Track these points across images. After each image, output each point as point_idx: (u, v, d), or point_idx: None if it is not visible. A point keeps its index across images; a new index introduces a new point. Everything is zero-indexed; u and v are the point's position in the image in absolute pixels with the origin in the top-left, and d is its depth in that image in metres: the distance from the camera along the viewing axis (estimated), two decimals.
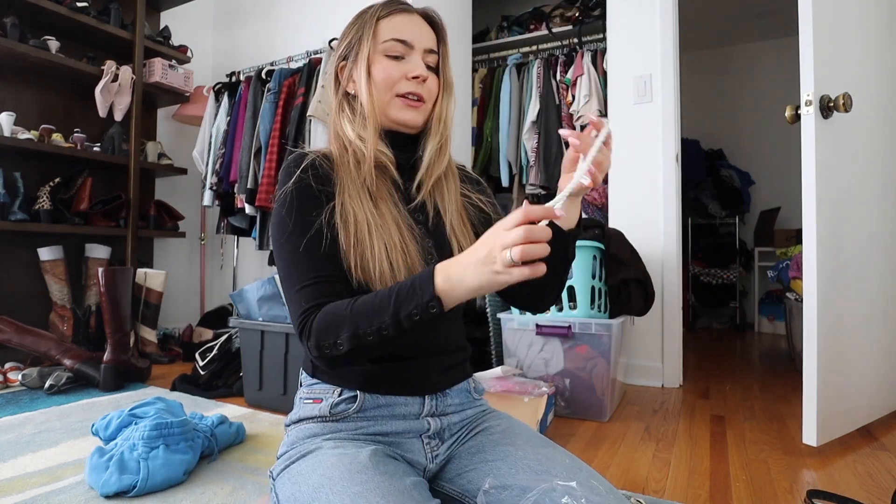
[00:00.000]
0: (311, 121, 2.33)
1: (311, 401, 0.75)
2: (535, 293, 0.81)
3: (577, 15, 2.48)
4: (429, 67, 0.80)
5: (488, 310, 1.94)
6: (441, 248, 0.79)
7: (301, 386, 0.80)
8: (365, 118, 0.78)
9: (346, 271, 0.72)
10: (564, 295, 1.67)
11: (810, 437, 1.32)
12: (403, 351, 0.75)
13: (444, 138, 0.82)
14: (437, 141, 0.81)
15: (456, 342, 0.83)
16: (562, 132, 0.60)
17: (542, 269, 0.55)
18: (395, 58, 0.77)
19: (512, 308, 1.81)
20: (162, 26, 2.92)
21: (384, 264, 0.70)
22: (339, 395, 0.73)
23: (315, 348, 0.65)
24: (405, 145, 0.82)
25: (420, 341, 0.76)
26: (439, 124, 0.81)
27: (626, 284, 1.78)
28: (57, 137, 2.36)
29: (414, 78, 0.77)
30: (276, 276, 1.77)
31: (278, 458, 0.73)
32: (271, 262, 2.67)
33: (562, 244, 0.71)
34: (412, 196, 0.82)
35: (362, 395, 0.73)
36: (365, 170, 0.76)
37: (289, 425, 0.77)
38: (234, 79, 2.98)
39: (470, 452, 0.75)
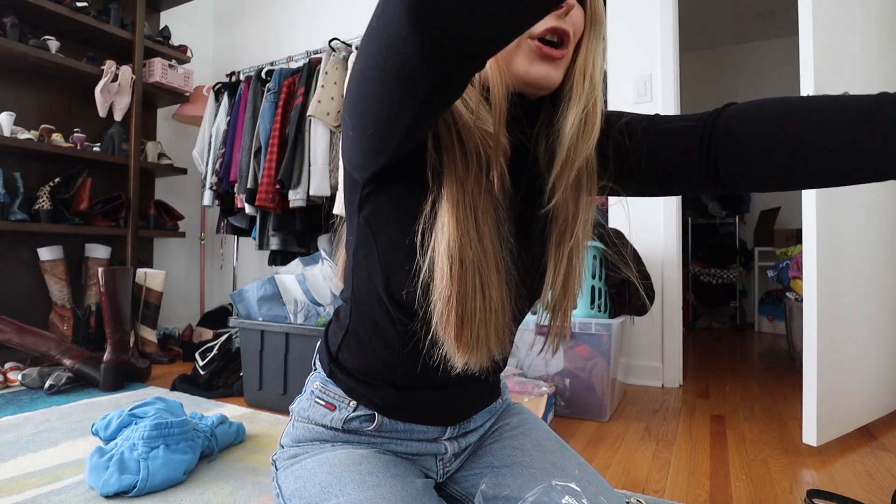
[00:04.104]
0: (310, 121, 2.33)
1: (323, 404, 0.67)
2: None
3: None
4: None
5: None
6: (532, 288, 0.61)
7: (315, 370, 0.71)
8: (485, 84, 0.54)
9: (410, 297, 0.54)
10: None
11: (810, 436, 1.33)
12: (435, 380, 0.64)
13: (590, 103, 0.55)
14: (583, 107, 0.55)
15: (498, 366, 0.70)
16: None
17: None
18: None
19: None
20: (162, 26, 2.92)
21: (480, 331, 0.52)
22: (354, 410, 0.65)
23: None
24: (520, 119, 0.57)
25: (458, 373, 0.59)
26: (584, 82, 0.55)
27: (626, 284, 1.78)
28: (57, 137, 2.36)
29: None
30: (276, 276, 1.77)
31: (282, 447, 0.70)
32: (271, 261, 2.67)
33: None
34: (534, 198, 0.58)
35: (380, 417, 0.65)
36: (473, 173, 0.52)
37: (296, 414, 0.70)
38: (233, 79, 2.98)
39: (477, 456, 0.72)
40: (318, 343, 0.73)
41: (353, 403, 0.66)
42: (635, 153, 0.61)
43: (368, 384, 0.65)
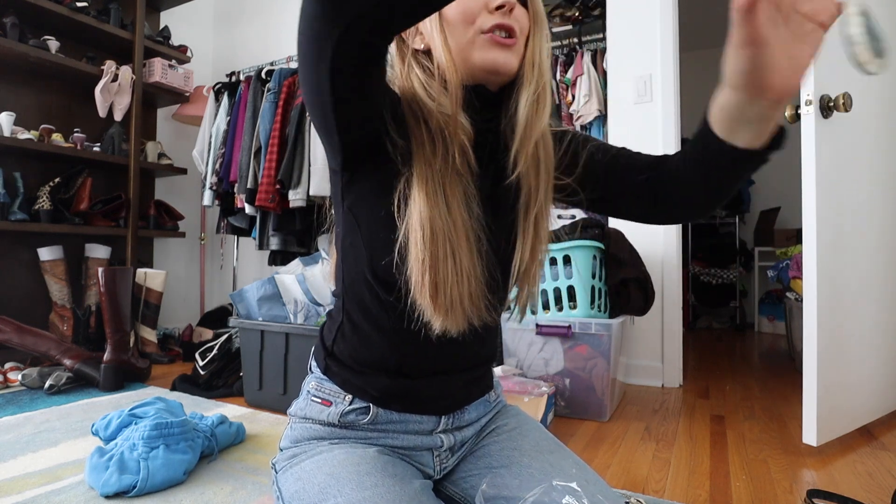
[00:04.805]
0: (310, 121, 2.33)
1: (319, 401, 0.69)
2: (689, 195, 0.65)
3: (577, 15, 2.48)
4: None
5: None
6: (505, 259, 0.67)
7: (311, 373, 0.73)
8: (444, 76, 0.61)
9: (403, 287, 0.60)
10: (564, 295, 1.67)
11: (810, 436, 1.32)
12: (427, 367, 0.68)
13: (540, 87, 0.64)
14: (533, 90, 0.64)
15: (488, 353, 0.75)
16: None
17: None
18: None
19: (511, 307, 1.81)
20: (162, 26, 2.92)
21: (454, 292, 0.59)
22: (350, 404, 0.68)
23: None
24: (485, 108, 0.66)
25: (449, 356, 0.69)
26: (533, 70, 0.64)
27: (626, 284, 1.78)
28: (57, 137, 2.36)
29: (498, 8, 0.61)
30: (276, 276, 1.77)
31: (281, 450, 0.71)
32: (271, 262, 2.67)
33: (739, 163, 0.56)
34: (502, 175, 0.65)
35: (375, 408, 0.67)
36: (440, 153, 0.60)
37: (293, 416, 0.72)
38: (234, 79, 2.98)
39: (476, 457, 0.73)
40: (313, 347, 0.75)
41: (349, 397, 0.68)
42: (602, 172, 0.71)
43: (363, 374, 0.68)
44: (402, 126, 0.61)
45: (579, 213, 2.26)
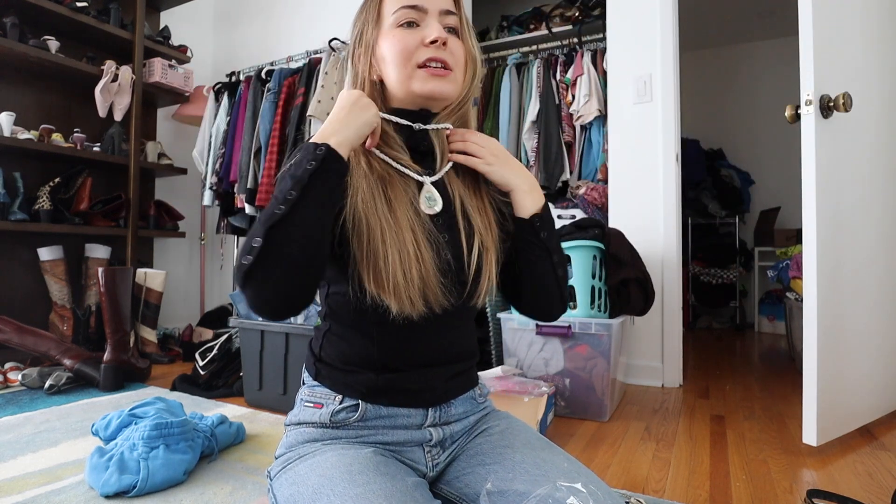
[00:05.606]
0: (310, 121, 2.33)
1: (311, 404, 0.73)
2: (531, 298, 0.79)
3: (577, 15, 2.48)
4: (449, 31, 0.72)
5: (488, 309, 1.94)
6: (455, 241, 0.72)
7: (303, 385, 0.77)
8: (382, 106, 0.73)
9: (357, 285, 0.67)
10: None
11: (810, 436, 1.32)
12: (409, 360, 0.72)
13: (461, 104, 0.75)
14: (452, 107, 0.75)
15: (466, 348, 0.79)
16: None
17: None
18: (409, 25, 0.70)
19: (512, 308, 1.81)
20: (162, 26, 2.92)
21: (398, 275, 0.64)
22: (341, 403, 0.71)
23: (240, 273, 0.59)
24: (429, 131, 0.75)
25: (428, 349, 0.73)
26: (460, 93, 0.75)
27: (626, 284, 1.78)
28: (57, 137, 2.36)
29: (432, 43, 0.69)
30: None
31: (276, 458, 0.73)
32: None
33: (522, 235, 0.75)
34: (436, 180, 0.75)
35: (364, 404, 0.71)
36: (377, 166, 0.69)
37: (288, 425, 0.75)
38: (234, 79, 2.98)
39: (468, 455, 0.74)
40: (305, 361, 0.80)
41: (339, 397, 0.72)
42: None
43: (351, 372, 0.72)
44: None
45: (579, 213, 2.26)
